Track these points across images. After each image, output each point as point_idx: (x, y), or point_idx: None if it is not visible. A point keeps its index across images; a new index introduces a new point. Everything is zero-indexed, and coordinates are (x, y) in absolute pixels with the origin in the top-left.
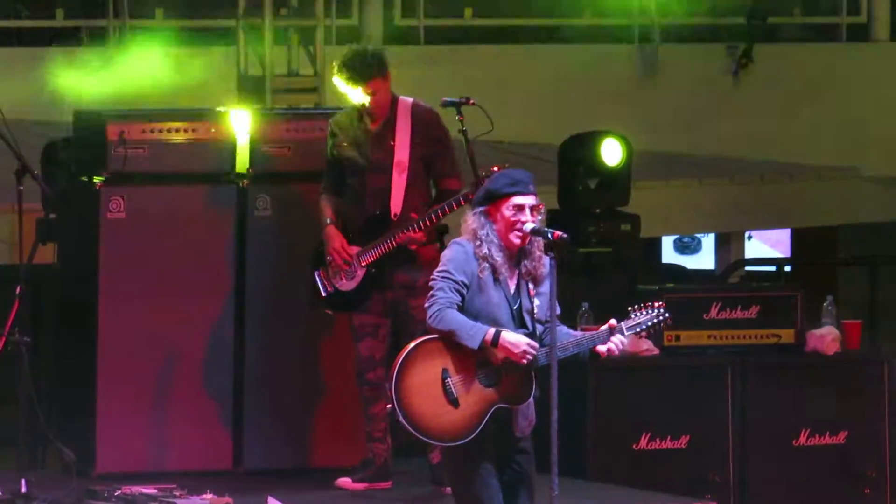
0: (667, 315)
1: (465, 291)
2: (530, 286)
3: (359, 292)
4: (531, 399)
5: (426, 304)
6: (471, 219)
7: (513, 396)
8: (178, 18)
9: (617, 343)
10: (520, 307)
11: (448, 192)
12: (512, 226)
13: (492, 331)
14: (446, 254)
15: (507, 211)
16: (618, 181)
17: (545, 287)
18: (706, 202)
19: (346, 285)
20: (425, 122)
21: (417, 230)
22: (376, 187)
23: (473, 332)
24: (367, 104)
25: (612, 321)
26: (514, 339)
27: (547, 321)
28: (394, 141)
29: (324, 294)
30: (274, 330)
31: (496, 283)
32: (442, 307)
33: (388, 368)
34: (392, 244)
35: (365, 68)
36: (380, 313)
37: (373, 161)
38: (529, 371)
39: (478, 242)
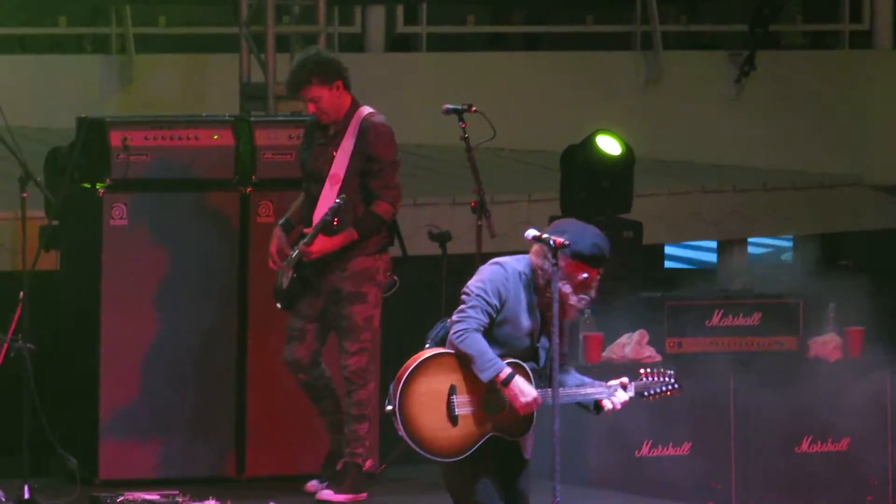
0: (676, 385)
1: (495, 315)
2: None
3: (289, 293)
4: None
5: (454, 317)
6: (541, 253)
7: (511, 429)
8: (180, 26)
9: (620, 401)
10: (539, 344)
11: (370, 216)
12: (570, 295)
13: (506, 371)
14: (486, 272)
15: (577, 278)
16: (620, 188)
17: (566, 326)
18: (709, 209)
19: (285, 283)
20: (367, 138)
21: (307, 244)
22: (312, 195)
23: (488, 366)
24: (309, 112)
25: (624, 379)
26: (524, 389)
27: (561, 362)
28: (336, 152)
29: (276, 287)
30: (276, 336)
31: (528, 316)
32: (469, 328)
33: (321, 366)
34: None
35: (299, 76)
36: (309, 318)
37: (313, 169)
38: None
39: (542, 282)
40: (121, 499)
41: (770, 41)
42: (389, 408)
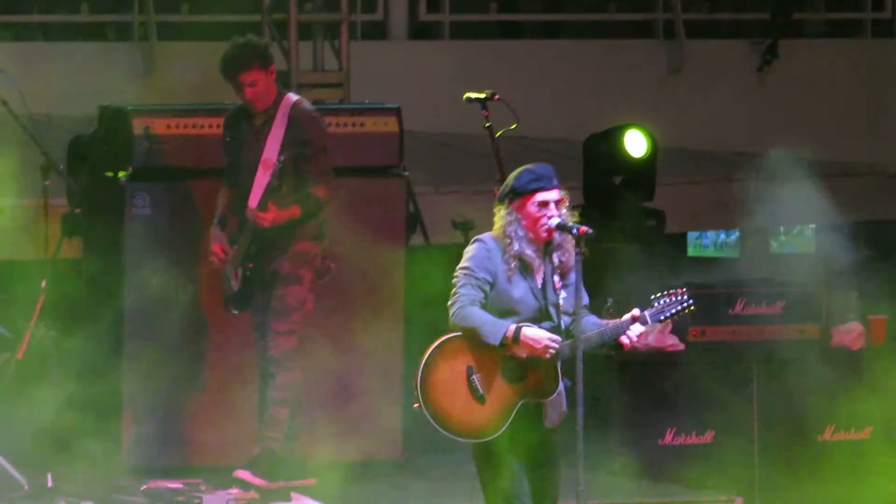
0: (690, 301)
1: (487, 288)
2: (556, 279)
3: (244, 291)
4: (559, 391)
5: (449, 302)
6: (500, 214)
7: (539, 391)
8: (203, 14)
9: (636, 333)
10: (546, 301)
11: (311, 197)
12: (537, 221)
13: (512, 327)
14: (468, 251)
15: (531, 207)
16: (643, 177)
17: (572, 279)
18: (731, 198)
19: (236, 285)
20: (298, 123)
21: (262, 209)
22: (245, 186)
23: (495, 329)
24: (246, 97)
25: (636, 311)
26: (535, 335)
27: (574, 313)
28: (267, 139)
29: (226, 294)
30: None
31: (524, 279)
32: (463, 304)
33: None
34: (249, 236)
35: (238, 58)
36: (266, 310)
37: (246, 159)
38: (555, 364)
39: (508, 240)
40: (144, 487)
41: (792, 29)
42: (416, 405)
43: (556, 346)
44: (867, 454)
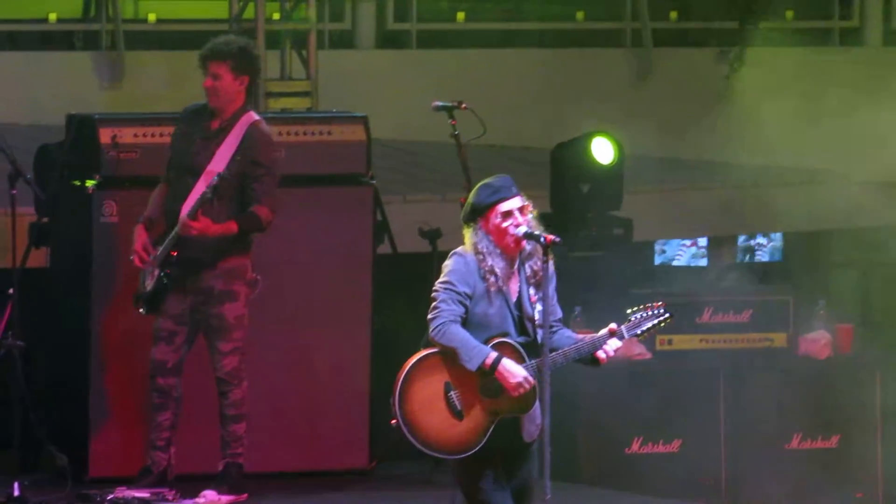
0: (667, 315)
1: (467, 302)
2: (531, 292)
3: (156, 293)
4: (536, 404)
5: (429, 316)
6: (468, 234)
7: (516, 406)
8: (171, 22)
9: (613, 348)
10: (521, 315)
11: (252, 215)
12: (504, 232)
13: (493, 355)
14: (447, 265)
15: (496, 219)
16: (610, 185)
17: (547, 292)
18: (698, 206)
19: (149, 285)
20: (253, 143)
21: (192, 218)
22: (184, 187)
23: (473, 354)
24: (204, 84)
25: (613, 325)
26: (512, 370)
27: (551, 325)
28: (217, 148)
29: (139, 293)
30: (266, 331)
31: (499, 293)
32: (445, 321)
33: (181, 377)
34: (174, 240)
35: (216, 47)
36: (177, 318)
37: (192, 162)
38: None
39: (480, 257)
40: (111, 496)
41: (760, 37)
42: (394, 422)
43: (528, 387)
44: (835, 463)
